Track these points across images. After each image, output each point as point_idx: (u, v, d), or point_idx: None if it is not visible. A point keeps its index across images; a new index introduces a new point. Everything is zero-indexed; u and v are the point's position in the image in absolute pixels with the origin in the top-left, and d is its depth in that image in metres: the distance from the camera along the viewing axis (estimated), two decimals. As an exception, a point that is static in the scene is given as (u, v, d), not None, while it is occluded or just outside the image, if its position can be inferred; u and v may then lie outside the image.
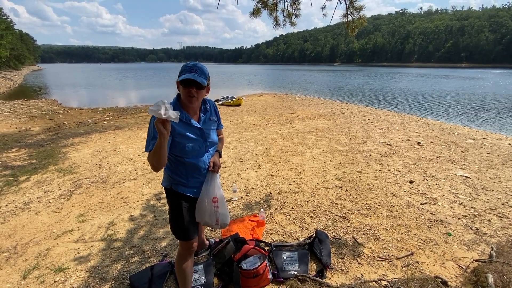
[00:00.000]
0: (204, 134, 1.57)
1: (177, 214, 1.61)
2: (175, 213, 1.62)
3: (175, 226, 1.64)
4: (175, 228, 1.65)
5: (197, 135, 1.53)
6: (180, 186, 1.59)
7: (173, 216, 1.64)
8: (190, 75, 1.40)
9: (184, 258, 1.68)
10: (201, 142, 1.56)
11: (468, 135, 6.55)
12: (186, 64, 1.47)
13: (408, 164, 4.52)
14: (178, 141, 1.48)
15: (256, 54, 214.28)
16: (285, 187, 3.72)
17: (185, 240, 1.64)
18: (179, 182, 1.58)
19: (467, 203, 3.24)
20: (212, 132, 1.65)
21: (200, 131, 1.55)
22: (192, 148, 1.51)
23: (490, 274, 1.93)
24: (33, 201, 3.36)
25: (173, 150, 1.50)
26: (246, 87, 23.23)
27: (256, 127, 7.38)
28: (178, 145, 1.49)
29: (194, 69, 1.43)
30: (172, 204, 1.63)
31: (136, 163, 4.62)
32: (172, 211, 1.64)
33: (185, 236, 1.63)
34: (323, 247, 2.27)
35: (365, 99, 14.85)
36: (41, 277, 2.12)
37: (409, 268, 2.18)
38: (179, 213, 1.60)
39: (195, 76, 1.41)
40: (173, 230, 1.66)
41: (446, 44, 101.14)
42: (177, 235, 1.66)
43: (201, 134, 1.56)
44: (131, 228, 2.77)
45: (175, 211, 1.62)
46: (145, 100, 14.38)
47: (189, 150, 1.51)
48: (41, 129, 7.50)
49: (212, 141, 1.64)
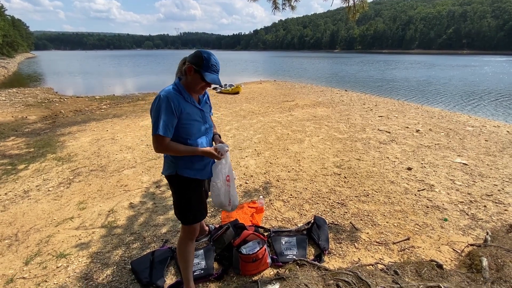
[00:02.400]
0: (205, 116, 1.63)
1: (186, 198, 1.62)
2: (184, 197, 1.62)
3: (184, 210, 1.64)
4: (183, 212, 1.64)
5: (199, 117, 1.58)
6: (186, 170, 1.58)
7: (181, 201, 1.63)
8: (216, 76, 1.48)
9: (186, 243, 1.70)
10: (202, 124, 1.60)
11: (467, 123, 6.55)
12: (213, 62, 1.47)
13: (407, 152, 4.54)
14: (184, 123, 1.50)
15: (255, 40, 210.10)
16: (284, 174, 3.73)
17: (194, 222, 1.66)
18: (184, 166, 1.58)
19: (464, 189, 3.28)
20: (209, 115, 1.71)
21: (201, 113, 1.60)
22: (196, 129, 1.55)
23: (485, 257, 1.98)
24: (32, 189, 3.36)
25: (179, 132, 1.51)
26: (244, 74, 22.91)
27: (255, 115, 7.34)
28: (184, 127, 1.51)
29: (218, 69, 1.50)
30: (180, 189, 1.62)
31: (135, 151, 4.61)
32: (180, 196, 1.63)
33: (195, 219, 1.65)
34: (321, 233, 2.31)
35: (365, 87, 14.72)
36: (43, 263, 2.15)
37: (405, 252, 2.23)
38: (188, 197, 1.61)
39: (219, 81, 1.49)
40: (181, 215, 1.66)
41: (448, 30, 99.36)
42: (186, 220, 1.65)
43: (202, 116, 1.60)
44: (131, 215, 2.79)
45: (183, 196, 1.62)
46: (142, 88, 14.18)
47: (194, 132, 1.55)
48: (37, 118, 7.42)
49: (210, 124, 1.71)
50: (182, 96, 1.49)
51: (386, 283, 1.72)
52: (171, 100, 1.43)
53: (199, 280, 1.91)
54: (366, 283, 1.70)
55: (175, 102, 1.44)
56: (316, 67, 31.27)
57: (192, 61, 1.46)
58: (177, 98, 1.46)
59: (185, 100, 1.50)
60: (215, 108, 8.20)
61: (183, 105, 1.47)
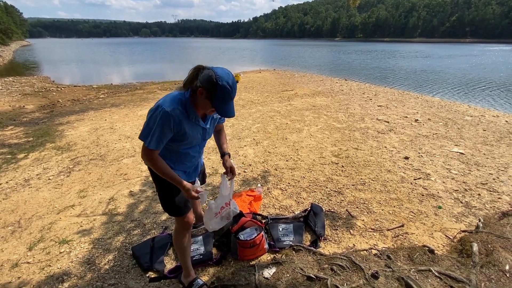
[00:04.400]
0: (206, 133, 1.57)
1: (166, 192, 1.59)
2: (164, 191, 1.59)
3: (167, 204, 1.63)
4: (166, 206, 1.64)
5: (199, 134, 1.52)
6: None
7: (162, 194, 1.62)
8: (231, 106, 1.36)
9: (182, 233, 1.71)
10: (199, 139, 1.55)
11: (466, 112, 6.55)
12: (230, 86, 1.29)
13: (405, 141, 4.56)
14: (179, 137, 1.43)
15: (254, 28, 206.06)
16: (282, 163, 3.77)
17: (179, 215, 1.65)
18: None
19: (459, 178, 3.32)
20: (212, 129, 1.65)
21: (203, 131, 1.53)
22: (190, 142, 1.50)
23: (475, 243, 2.04)
24: (33, 177, 3.40)
25: (170, 142, 1.45)
26: (243, 63, 22.63)
27: (254, 104, 7.31)
28: (177, 139, 1.44)
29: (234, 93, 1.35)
30: (160, 183, 1.57)
31: (134, 141, 4.63)
32: (161, 190, 1.61)
33: (178, 212, 1.63)
34: (318, 220, 2.36)
35: (364, 76, 14.59)
36: (47, 249, 2.21)
37: (399, 238, 2.29)
38: (168, 191, 1.58)
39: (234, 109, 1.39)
40: (165, 208, 1.66)
41: (451, 18, 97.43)
42: (170, 212, 1.66)
43: (203, 133, 1.55)
44: (132, 203, 2.84)
45: (164, 190, 1.59)
46: (140, 77, 14.04)
47: (187, 144, 1.50)
48: (35, 107, 7.39)
49: (208, 137, 1.64)
50: (186, 114, 1.37)
51: (379, 267, 1.78)
52: (173, 118, 1.32)
53: (198, 265, 1.98)
54: (359, 267, 1.76)
55: (176, 120, 1.33)
56: (316, 56, 30.87)
57: (204, 86, 1.29)
58: (180, 117, 1.34)
59: (188, 118, 1.39)
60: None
61: (184, 125, 1.38)
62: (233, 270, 1.89)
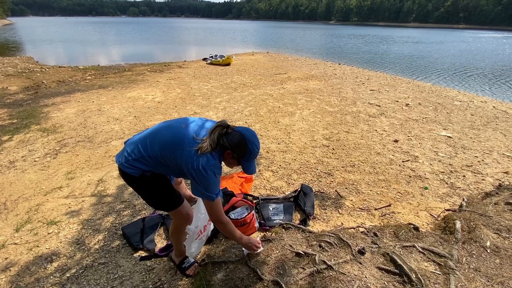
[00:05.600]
0: None
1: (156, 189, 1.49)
2: (156, 188, 1.49)
3: (163, 200, 1.53)
4: (163, 202, 1.54)
5: None
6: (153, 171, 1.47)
7: (154, 193, 1.50)
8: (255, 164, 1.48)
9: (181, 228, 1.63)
10: None
11: (455, 97, 6.63)
12: (257, 148, 1.41)
13: (395, 125, 4.61)
14: None
15: (247, 9, 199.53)
16: (274, 146, 3.77)
17: (179, 205, 1.55)
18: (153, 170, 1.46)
19: (446, 161, 3.40)
20: None
21: None
22: None
23: (458, 221, 2.11)
24: (18, 159, 3.30)
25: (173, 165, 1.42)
26: (236, 45, 22.06)
27: (246, 87, 7.20)
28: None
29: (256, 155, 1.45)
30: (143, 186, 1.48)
31: (123, 123, 4.52)
32: (146, 190, 1.49)
33: (173, 203, 1.54)
34: (307, 199, 2.40)
35: (358, 60, 14.48)
36: (34, 230, 2.18)
37: (386, 217, 2.35)
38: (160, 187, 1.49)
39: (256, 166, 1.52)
40: (162, 206, 1.56)
41: (446, 3, 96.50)
42: (169, 207, 1.55)
43: None
44: (121, 185, 2.80)
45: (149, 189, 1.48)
46: (128, 59, 13.54)
47: None
48: (18, 88, 7.07)
49: None
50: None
51: (366, 244, 1.83)
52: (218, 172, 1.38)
53: (189, 244, 1.99)
54: (346, 244, 1.80)
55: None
56: (310, 39, 30.32)
57: (234, 148, 1.36)
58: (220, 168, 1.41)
59: None
60: (206, 80, 7.99)
61: None
62: (224, 247, 1.91)
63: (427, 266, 1.69)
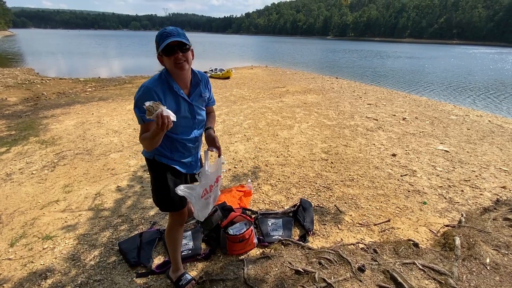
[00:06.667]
0: (194, 111, 1.51)
1: (161, 185, 1.54)
2: (159, 184, 1.54)
3: (160, 198, 1.57)
4: (160, 200, 1.58)
5: (186, 111, 1.47)
6: (164, 158, 1.53)
7: (157, 187, 1.56)
8: (168, 39, 1.30)
9: (175, 229, 1.67)
10: (189, 119, 1.50)
11: (451, 112, 6.73)
12: (160, 34, 1.35)
13: (392, 139, 4.65)
14: None
15: (247, 23, 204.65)
16: (273, 159, 3.78)
17: (174, 211, 1.61)
18: (162, 154, 1.52)
19: (444, 175, 3.42)
20: (202, 109, 1.59)
21: (189, 107, 1.48)
22: (180, 124, 1.45)
23: (458, 237, 2.11)
24: (15, 172, 3.28)
25: None
26: (235, 59, 22.47)
27: (245, 100, 7.28)
28: None
29: (169, 34, 1.33)
30: (156, 175, 1.55)
31: (122, 135, 4.53)
32: (156, 182, 1.56)
33: (173, 207, 1.59)
34: (307, 215, 2.38)
35: (355, 75, 14.76)
36: (29, 245, 2.14)
37: (385, 233, 2.34)
38: (163, 184, 1.53)
39: (175, 37, 1.31)
40: (157, 202, 1.60)
41: (440, 20, 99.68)
42: (164, 207, 1.60)
43: (190, 110, 1.49)
44: (119, 198, 2.78)
45: (158, 182, 1.55)
46: (129, 71, 13.72)
47: (178, 126, 1.44)
48: (18, 100, 7.11)
49: (201, 119, 1.58)
50: (168, 85, 1.40)
51: (366, 261, 1.81)
52: (154, 91, 1.35)
53: (187, 260, 1.96)
54: (346, 261, 1.79)
55: (158, 93, 1.36)
56: (308, 53, 30.97)
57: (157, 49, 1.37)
58: (163, 89, 1.38)
59: (172, 90, 1.41)
60: (205, 93, 8.06)
61: (169, 98, 1.39)
62: (222, 264, 1.88)
63: (427, 284, 1.67)
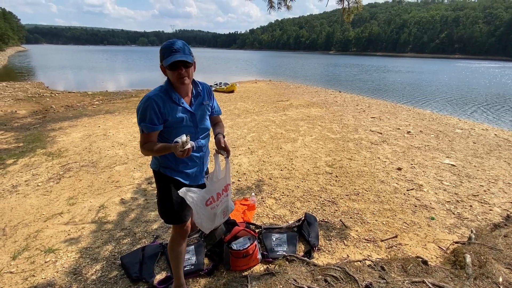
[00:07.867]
0: (196, 119, 1.53)
1: (166, 197, 1.56)
2: (164, 196, 1.57)
3: (164, 210, 1.59)
4: (164, 212, 1.60)
5: (188, 120, 1.49)
6: (168, 169, 1.55)
7: (162, 199, 1.59)
8: (174, 56, 1.35)
9: (178, 242, 1.66)
10: (191, 128, 1.51)
11: (456, 125, 6.70)
12: (168, 47, 1.37)
13: (397, 152, 4.62)
14: (170, 127, 1.46)
15: (251, 39, 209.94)
16: (277, 172, 3.76)
17: (177, 223, 1.62)
18: (167, 166, 1.54)
19: (451, 190, 3.36)
20: (205, 117, 1.60)
21: (191, 116, 1.50)
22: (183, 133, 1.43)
23: (468, 254, 2.04)
24: (21, 184, 3.31)
25: (163, 134, 1.48)
26: (240, 73, 22.89)
27: (249, 114, 7.35)
28: (170, 131, 1.47)
29: (175, 49, 1.37)
30: (161, 187, 1.58)
31: (127, 148, 4.57)
32: (161, 193, 1.59)
33: (176, 219, 1.60)
34: (312, 229, 2.34)
35: (358, 88, 14.88)
36: (31, 258, 2.13)
37: (393, 249, 2.28)
38: (168, 197, 1.55)
39: (181, 56, 1.36)
40: (162, 214, 1.62)
41: (441, 35, 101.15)
42: (167, 220, 1.62)
43: (192, 119, 1.51)
44: (122, 211, 2.77)
45: (163, 194, 1.57)
46: (135, 85, 14.03)
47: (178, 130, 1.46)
48: (27, 112, 7.28)
49: (204, 127, 1.59)
50: (169, 97, 1.43)
51: (373, 278, 1.76)
52: (155, 101, 1.39)
53: (189, 275, 1.92)
54: (353, 278, 1.73)
55: (159, 104, 1.40)
56: (311, 67, 31.45)
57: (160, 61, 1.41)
58: (163, 99, 1.41)
59: (172, 101, 1.44)
60: (210, 106, 8.17)
61: (168, 108, 1.42)
62: (225, 281, 1.84)
63: (439, 305, 1.60)
